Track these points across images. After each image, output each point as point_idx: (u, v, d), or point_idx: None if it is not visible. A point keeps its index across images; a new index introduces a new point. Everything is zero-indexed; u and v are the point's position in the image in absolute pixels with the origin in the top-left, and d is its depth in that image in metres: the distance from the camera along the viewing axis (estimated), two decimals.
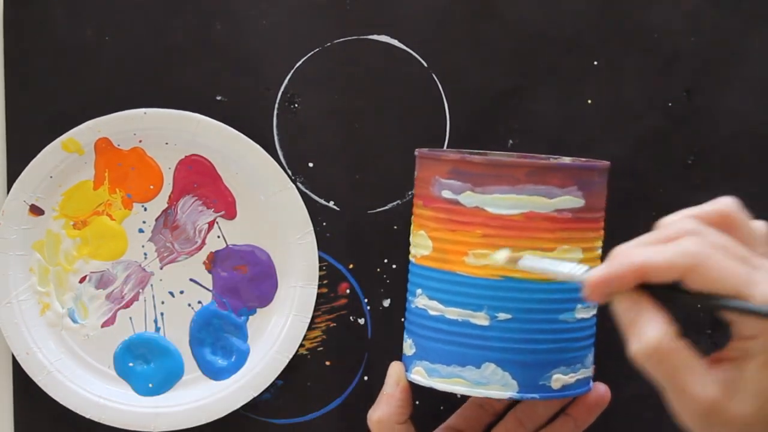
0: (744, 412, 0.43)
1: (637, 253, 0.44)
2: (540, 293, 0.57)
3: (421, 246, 0.60)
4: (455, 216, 0.57)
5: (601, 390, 0.63)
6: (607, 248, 0.60)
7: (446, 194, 0.58)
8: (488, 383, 0.58)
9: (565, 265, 0.50)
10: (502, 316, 0.57)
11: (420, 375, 0.60)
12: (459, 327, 0.58)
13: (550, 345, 0.58)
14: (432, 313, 0.59)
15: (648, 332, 0.44)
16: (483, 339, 0.57)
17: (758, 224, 0.46)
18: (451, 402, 0.67)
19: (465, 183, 0.57)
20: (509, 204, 0.56)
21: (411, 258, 0.61)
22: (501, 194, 0.56)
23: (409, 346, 0.61)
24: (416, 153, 0.61)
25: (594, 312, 0.60)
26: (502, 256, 0.56)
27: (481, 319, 0.57)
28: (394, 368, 0.63)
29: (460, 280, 0.58)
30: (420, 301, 0.60)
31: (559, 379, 0.58)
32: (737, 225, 0.45)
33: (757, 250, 0.45)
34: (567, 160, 0.64)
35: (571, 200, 0.57)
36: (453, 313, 0.58)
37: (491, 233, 0.56)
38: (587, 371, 0.61)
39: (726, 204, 0.46)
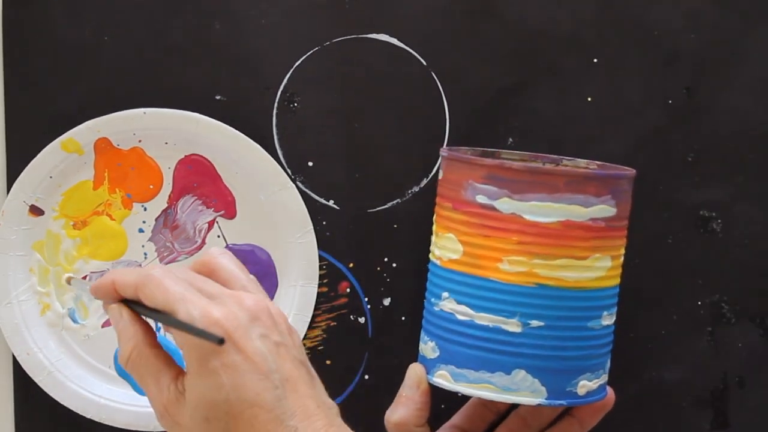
0: (185, 417, 0.51)
1: (115, 273, 0.54)
2: (572, 301, 0.57)
3: (448, 249, 0.59)
4: (490, 222, 0.57)
5: (608, 393, 0.63)
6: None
7: (481, 199, 0.57)
8: (518, 389, 0.58)
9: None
10: (534, 323, 0.57)
11: (444, 379, 0.60)
12: (490, 333, 0.58)
13: (578, 352, 0.58)
14: (460, 317, 0.59)
15: (124, 343, 0.53)
16: (514, 346, 0.58)
17: (236, 273, 0.54)
18: (453, 401, 0.67)
19: (502, 189, 0.57)
20: (547, 212, 0.56)
21: (434, 260, 0.61)
22: (539, 201, 0.56)
23: (431, 349, 0.61)
24: (442, 153, 0.61)
25: (615, 318, 0.61)
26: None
27: (513, 326, 0.57)
28: (415, 370, 0.62)
29: (493, 286, 0.57)
30: (447, 304, 0.59)
31: (585, 385, 0.59)
32: (215, 269, 0.54)
33: (234, 287, 0.53)
34: (580, 161, 0.64)
35: (605, 209, 0.57)
36: (484, 318, 0.58)
37: (527, 240, 0.56)
38: (606, 376, 0.61)
39: (209, 253, 0.55)
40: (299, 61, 0.69)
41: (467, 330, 0.58)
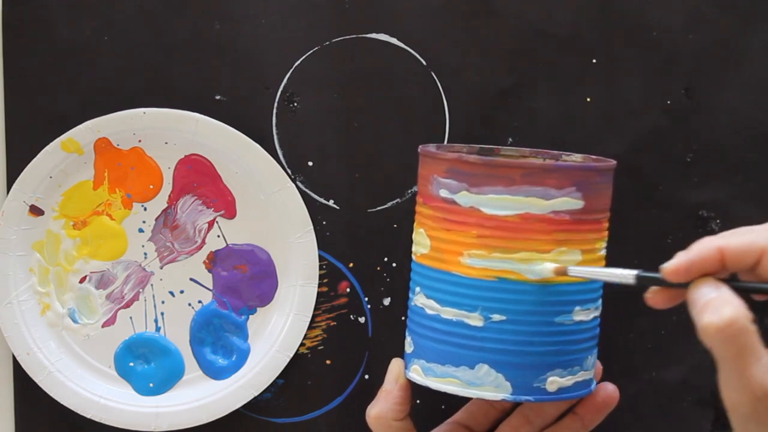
0: None
1: (717, 239, 0.48)
2: (535, 295, 0.56)
3: (420, 244, 0.60)
4: (451, 215, 0.57)
5: (609, 390, 0.63)
6: (608, 247, 0.61)
7: (443, 193, 0.57)
8: (482, 384, 0.57)
9: (614, 271, 0.53)
10: (496, 317, 0.56)
11: (417, 373, 0.60)
12: (454, 327, 0.57)
13: (545, 347, 0.57)
14: (429, 312, 0.59)
15: (725, 309, 0.45)
16: (477, 340, 0.57)
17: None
18: (453, 400, 0.67)
19: (461, 183, 0.56)
20: (504, 205, 0.55)
21: (412, 255, 0.61)
22: (496, 195, 0.55)
23: (408, 344, 0.61)
24: (419, 150, 0.61)
25: (596, 314, 0.60)
26: (548, 267, 0.56)
27: (475, 319, 0.57)
28: (394, 365, 0.62)
29: (455, 280, 0.57)
30: (418, 299, 0.60)
31: (555, 381, 0.58)
32: None
33: None
34: (577, 157, 0.64)
35: (568, 202, 0.56)
36: (448, 312, 0.58)
37: (486, 234, 0.56)
38: (587, 373, 0.60)
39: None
40: (299, 61, 0.69)
41: (434, 324, 0.58)
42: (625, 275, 0.52)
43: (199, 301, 0.71)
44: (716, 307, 0.46)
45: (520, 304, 0.56)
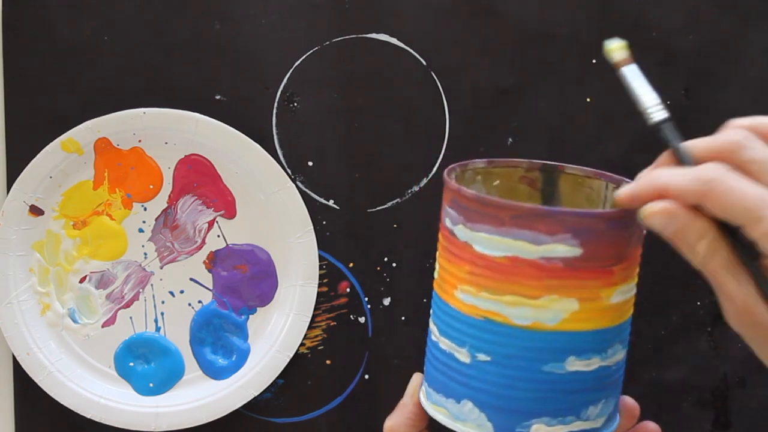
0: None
1: (661, 175, 0.46)
2: (520, 340, 0.53)
3: (436, 267, 0.58)
4: (451, 247, 0.54)
5: (651, 429, 0.61)
6: None
7: (447, 223, 0.55)
8: (466, 420, 0.55)
9: (647, 97, 0.50)
10: (481, 356, 0.54)
11: (422, 394, 0.59)
12: (446, 358, 0.56)
13: (529, 393, 0.54)
14: (432, 337, 0.57)
15: (696, 240, 0.46)
16: (463, 375, 0.55)
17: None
18: None
19: (459, 215, 0.53)
20: (493, 245, 0.52)
21: None
22: (487, 234, 0.52)
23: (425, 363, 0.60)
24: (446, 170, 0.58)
25: (603, 363, 0.55)
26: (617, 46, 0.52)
27: (463, 355, 0.55)
28: (414, 379, 0.61)
29: (450, 312, 0.55)
30: (431, 323, 0.58)
31: (540, 429, 0.55)
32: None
33: None
34: (581, 172, 0.60)
35: (563, 248, 0.51)
36: (444, 343, 0.56)
37: (476, 272, 0.53)
38: (587, 423, 0.56)
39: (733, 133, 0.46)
40: (299, 61, 0.69)
41: (434, 351, 0.57)
42: (652, 114, 0.49)
43: (199, 301, 0.71)
44: (664, 202, 0.46)
45: (505, 347, 0.53)
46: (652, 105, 0.50)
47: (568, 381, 0.54)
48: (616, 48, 0.53)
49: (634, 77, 0.51)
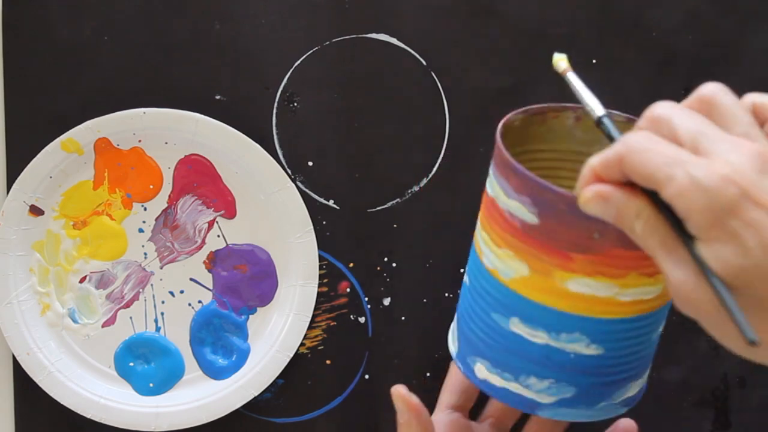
0: (705, 296, 0.43)
1: (591, 159, 0.45)
2: (485, 280, 0.56)
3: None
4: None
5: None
6: None
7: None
8: (451, 337, 0.60)
9: (592, 101, 0.51)
10: (465, 279, 0.58)
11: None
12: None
13: (479, 332, 0.57)
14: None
15: (634, 217, 0.45)
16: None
17: (743, 102, 0.46)
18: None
19: (492, 161, 0.55)
20: (490, 183, 0.54)
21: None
22: (490, 172, 0.54)
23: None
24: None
25: (556, 345, 0.55)
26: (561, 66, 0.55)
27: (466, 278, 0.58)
28: (396, 393, 0.60)
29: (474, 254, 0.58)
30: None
31: (482, 370, 0.57)
32: (716, 107, 0.45)
33: (734, 129, 0.44)
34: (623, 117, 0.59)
35: (522, 211, 0.52)
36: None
37: (482, 208, 0.56)
38: (524, 390, 0.57)
39: (707, 89, 0.45)
40: (299, 61, 0.69)
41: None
42: (594, 108, 0.51)
43: (199, 301, 0.71)
44: (591, 186, 0.46)
45: (474, 279, 0.57)
46: (594, 103, 0.52)
47: (510, 340, 0.55)
48: (561, 59, 0.56)
49: (577, 82, 0.53)
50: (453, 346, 0.60)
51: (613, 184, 0.45)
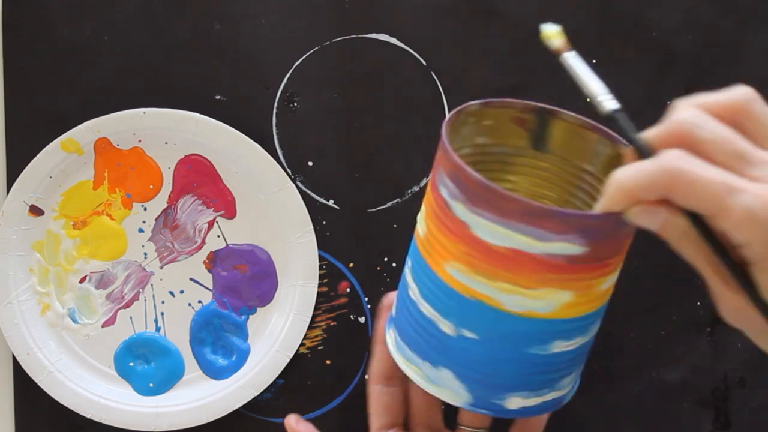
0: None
1: (625, 176, 0.44)
2: (512, 324, 0.51)
3: (420, 223, 0.55)
4: (445, 219, 0.52)
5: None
6: None
7: (444, 192, 0.51)
8: (442, 386, 0.54)
9: (595, 86, 0.48)
10: (467, 333, 0.52)
11: (392, 344, 0.57)
12: (427, 324, 0.54)
13: (511, 372, 0.53)
14: (411, 295, 0.55)
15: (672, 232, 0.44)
16: (444, 346, 0.53)
17: None
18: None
19: (461, 194, 0.50)
20: (496, 235, 0.49)
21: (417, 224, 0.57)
22: (490, 222, 0.49)
23: (394, 307, 0.58)
24: (448, 117, 0.54)
25: (584, 340, 0.55)
26: (555, 43, 0.50)
27: (447, 327, 0.53)
28: (287, 424, 0.63)
29: (437, 282, 0.53)
30: (408, 274, 0.56)
31: (516, 401, 0.54)
32: (749, 117, 0.43)
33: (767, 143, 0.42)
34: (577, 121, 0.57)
35: (567, 247, 0.49)
36: (425, 308, 0.54)
37: (473, 255, 0.50)
38: (558, 393, 0.56)
39: (739, 94, 0.44)
40: (299, 61, 0.69)
41: (412, 309, 0.55)
42: (603, 102, 0.47)
43: (199, 301, 0.71)
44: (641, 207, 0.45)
45: (493, 330, 0.52)
46: (602, 93, 0.48)
47: (551, 362, 0.53)
48: (553, 34, 0.51)
49: (578, 64, 0.49)
50: (459, 399, 0.55)
51: (653, 203, 0.44)
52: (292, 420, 0.66)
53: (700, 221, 0.43)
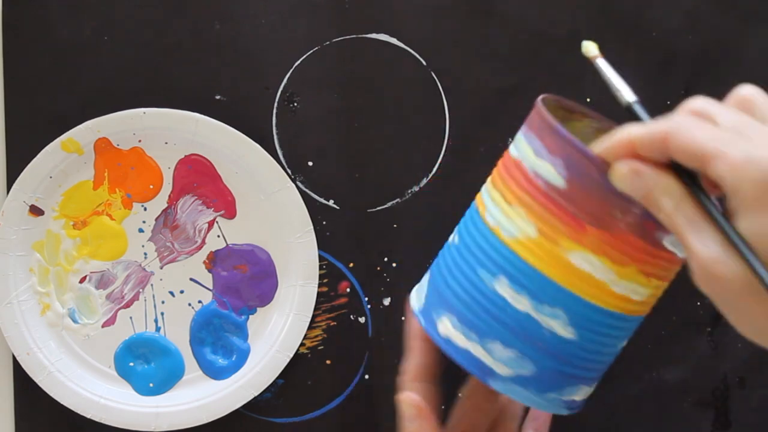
0: (733, 269, 0.44)
1: (627, 129, 0.47)
2: (481, 235, 0.54)
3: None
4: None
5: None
6: None
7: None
8: (419, 288, 0.57)
9: (622, 86, 0.53)
10: (455, 238, 0.56)
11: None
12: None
13: (457, 286, 0.54)
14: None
15: (632, 162, 0.46)
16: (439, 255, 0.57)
17: None
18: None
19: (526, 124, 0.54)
20: (516, 145, 0.53)
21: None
22: (521, 133, 0.53)
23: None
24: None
25: (536, 316, 0.53)
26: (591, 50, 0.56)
27: (455, 237, 0.56)
28: (408, 399, 0.58)
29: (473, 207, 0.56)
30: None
31: (445, 323, 0.55)
32: (756, 107, 0.46)
33: None
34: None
35: (550, 172, 0.50)
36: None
37: (501, 166, 0.54)
38: (484, 354, 0.55)
39: (743, 90, 0.47)
40: (299, 61, 0.69)
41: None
42: (623, 96, 0.52)
43: (199, 301, 0.71)
44: (628, 161, 0.47)
45: (470, 235, 0.54)
46: (623, 89, 0.53)
47: (490, 299, 0.53)
48: (591, 45, 0.56)
49: (607, 67, 0.55)
50: (417, 302, 0.56)
51: (647, 162, 0.46)
52: (414, 397, 0.58)
53: (687, 179, 0.45)
